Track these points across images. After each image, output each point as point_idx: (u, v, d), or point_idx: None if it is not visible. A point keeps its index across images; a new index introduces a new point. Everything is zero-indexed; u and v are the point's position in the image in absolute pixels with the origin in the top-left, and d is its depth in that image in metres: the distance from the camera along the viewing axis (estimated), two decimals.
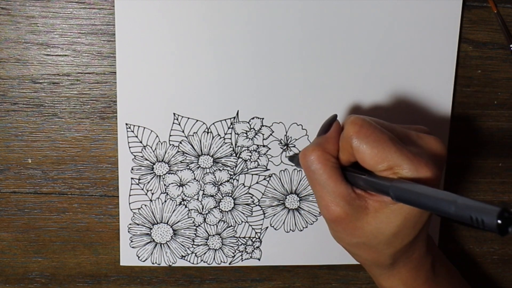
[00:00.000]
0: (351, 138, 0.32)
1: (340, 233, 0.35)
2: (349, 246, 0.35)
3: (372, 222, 0.32)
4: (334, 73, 0.41)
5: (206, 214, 0.43)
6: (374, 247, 0.34)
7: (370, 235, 0.33)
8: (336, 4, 0.40)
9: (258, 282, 0.46)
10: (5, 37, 0.40)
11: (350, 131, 0.32)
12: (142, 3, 0.39)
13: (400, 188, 0.29)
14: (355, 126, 0.32)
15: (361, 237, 0.33)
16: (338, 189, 0.33)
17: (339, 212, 0.33)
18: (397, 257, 0.34)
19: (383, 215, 0.32)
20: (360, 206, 0.33)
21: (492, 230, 0.24)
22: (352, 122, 0.32)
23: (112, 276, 0.45)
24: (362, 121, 0.32)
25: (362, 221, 0.33)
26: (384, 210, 0.32)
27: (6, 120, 0.41)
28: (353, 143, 0.32)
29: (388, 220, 0.32)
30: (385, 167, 0.31)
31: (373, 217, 0.32)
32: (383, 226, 0.32)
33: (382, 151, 0.31)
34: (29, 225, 0.43)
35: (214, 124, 0.42)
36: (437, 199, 0.26)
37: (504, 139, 0.44)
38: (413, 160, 0.31)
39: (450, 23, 0.41)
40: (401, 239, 0.33)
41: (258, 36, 0.40)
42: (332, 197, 0.33)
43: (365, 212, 0.33)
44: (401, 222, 0.32)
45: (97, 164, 0.42)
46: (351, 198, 0.33)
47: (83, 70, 0.41)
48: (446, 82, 0.42)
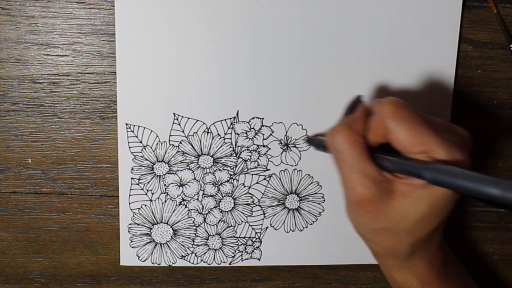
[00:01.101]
0: (387, 118, 0.31)
1: (362, 217, 0.33)
2: (369, 232, 0.34)
3: (398, 207, 0.32)
4: (334, 73, 0.41)
5: (206, 214, 0.43)
6: (396, 234, 0.33)
7: (394, 220, 0.32)
8: (336, 4, 0.40)
9: (258, 282, 0.46)
10: (5, 37, 0.40)
11: (388, 111, 0.31)
12: (142, 3, 0.39)
13: (438, 169, 0.28)
14: (393, 107, 0.31)
15: (384, 222, 0.33)
16: (366, 169, 0.32)
17: (365, 193, 0.32)
18: (416, 247, 0.34)
19: (409, 200, 0.32)
20: (386, 189, 0.32)
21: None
22: (390, 102, 0.32)
23: (112, 276, 0.45)
24: (400, 103, 0.32)
25: (388, 205, 0.32)
26: (411, 194, 0.31)
27: (6, 120, 0.41)
28: (389, 124, 0.31)
29: (414, 205, 0.31)
30: (420, 150, 0.31)
31: (399, 201, 0.32)
32: (409, 211, 0.32)
33: (419, 134, 0.31)
34: (29, 225, 0.43)
35: (214, 124, 0.42)
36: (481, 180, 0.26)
37: (504, 139, 0.44)
38: (448, 145, 0.30)
39: (450, 23, 0.41)
40: (424, 227, 0.32)
41: (258, 36, 0.40)
42: (360, 178, 0.32)
43: (392, 196, 0.32)
44: (427, 208, 0.31)
45: (97, 164, 0.42)
46: (379, 180, 0.32)
47: (83, 70, 0.41)
48: (446, 82, 0.42)
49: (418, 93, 0.42)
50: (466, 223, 0.46)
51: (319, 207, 0.44)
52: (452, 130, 0.33)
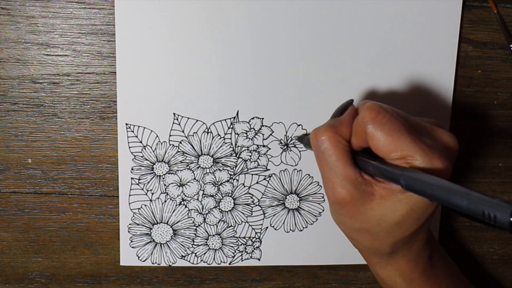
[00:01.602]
0: (366, 123, 0.32)
1: (343, 216, 0.34)
2: (350, 231, 0.35)
3: (377, 209, 0.32)
4: (334, 73, 0.41)
5: (206, 214, 0.43)
6: (376, 234, 0.33)
7: (373, 222, 0.33)
8: (336, 4, 0.40)
9: (258, 282, 0.46)
10: (5, 37, 0.40)
11: (366, 116, 0.32)
12: (142, 3, 0.39)
13: (412, 177, 0.29)
14: (372, 112, 0.32)
15: (363, 223, 0.33)
16: (346, 171, 0.33)
17: (344, 195, 0.33)
18: (397, 247, 0.34)
19: (388, 203, 0.32)
20: (366, 191, 0.32)
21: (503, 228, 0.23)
22: (369, 107, 0.32)
23: (112, 276, 0.45)
24: (379, 108, 0.32)
25: (367, 206, 0.33)
26: (390, 198, 0.32)
27: (6, 120, 0.41)
28: (368, 129, 0.32)
29: (393, 209, 0.32)
30: (398, 156, 0.31)
31: (378, 204, 0.32)
32: (387, 214, 0.32)
33: (397, 140, 0.31)
34: (29, 225, 0.43)
35: (214, 124, 0.42)
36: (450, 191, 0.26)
37: (504, 139, 0.44)
38: (427, 152, 0.30)
39: (450, 23, 0.41)
40: (403, 229, 0.33)
41: (258, 36, 0.40)
42: (339, 179, 0.33)
43: (371, 198, 0.32)
44: (406, 212, 0.32)
45: (97, 164, 0.42)
46: (358, 182, 0.32)
47: (83, 70, 0.41)
48: (446, 82, 0.42)
49: (418, 93, 0.42)
50: (466, 223, 0.46)
51: (319, 207, 0.44)
52: (437, 135, 0.33)
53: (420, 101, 0.42)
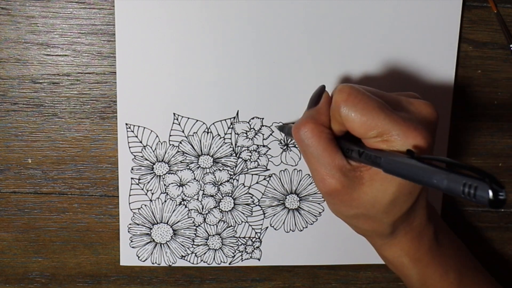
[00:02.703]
0: (339, 106, 0.31)
1: (337, 205, 0.34)
2: (348, 218, 0.35)
3: (368, 192, 0.32)
4: (334, 73, 0.41)
5: (206, 214, 0.43)
6: (373, 217, 0.33)
7: (367, 205, 0.33)
8: (336, 4, 0.40)
9: (258, 282, 0.46)
10: (5, 37, 0.40)
11: (338, 99, 0.31)
12: (142, 3, 0.39)
13: (390, 161, 0.29)
14: (343, 94, 0.31)
15: (359, 208, 0.33)
16: (333, 161, 0.32)
17: (335, 184, 0.32)
18: (396, 226, 0.34)
19: (377, 184, 0.32)
20: (355, 177, 0.32)
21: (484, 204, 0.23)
22: (339, 90, 0.32)
23: (112, 276, 0.45)
24: (350, 89, 0.31)
25: (359, 191, 0.32)
26: (378, 179, 0.32)
27: (6, 120, 0.41)
28: (342, 112, 0.31)
29: (383, 188, 0.32)
30: (375, 134, 0.31)
31: (369, 186, 0.32)
32: (379, 195, 0.32)
33: (371, 119, 0.30)
34: (29, 225, 0.43)
35: (214, 124, 0.42)
36: (429, 172, 0.26)
37: (504, 139, 0.44)
38: (402, 126, 0.30)
39: (450, 23, 0.41)
40: (399, 206, 0.33)
41: (258, 36, 0.40)
42: (328, 170, 0.32)
43: (361, 182, 0.32)
44: (396, 189, 0.32)
45: (97, 164, 0.42)
46: (347, 170, 0.32)
47: (83, 70, 0.41)
48: (446, 82, 0.42)
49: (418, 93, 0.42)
50: (466, 223, 0.46)
51: (319, 207, 0.44)
52: (414, 108, 0.33)
53: None
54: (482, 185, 0.24)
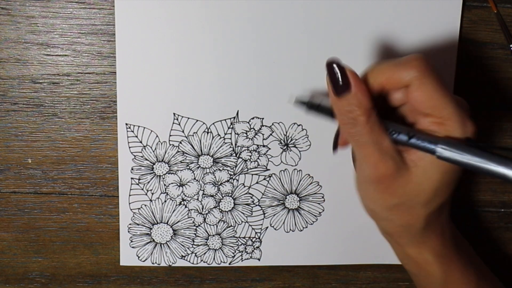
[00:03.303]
0: (415, 73, 0.30)
1: (380, 193, 0.33)
2: (385, 209, 0.34)
3: (414, 179, 0.32)
4: None
5: (206, 214, 0.43)
6: (412, 208, 0.33)
7: (411, 194, 0.32)
8: (336, 4, 0.40)
9: (258, 282, 0.46)
10: (5, 37, 0.40)
11: (417, 67, 0.31)
12: (142, 3, 0.39)
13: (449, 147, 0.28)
14: (423, 64, 0.31)
15: (402, 197, 0.32)
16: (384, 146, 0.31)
17: (386, 170, 0.31)
18: (429, 220, 0.34)
19: (422, 171, 0.31)
20: (401, 162, 0.32)
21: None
22: (421, 59, 0.31)
23: (112, 276, 0.45)
24: (428, 61, 0.31)
25: (405, 178, 0.32)
26: (423, 165, 0.31)
27: (6, 120, 0.41)
28: (416, 80, 0.30)
29: (427, 176, 0.31)
30: (438, 115, 0.30)
31: (414, 173, 0.32)
32: (424, 183, 0.32)
33: (443, 99, 0.30)
34: (29, 225, 0.43)
35: (214, 124, 0.42)
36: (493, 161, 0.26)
37: (504, 139, 0.44)
38: (463, 114, 0.30)
39: (450, 23, 0.41)
40: (438, 196, 0.32)
41: (258, 36, 0.40)
42: (382, 155, 0.31)
43: (406, 168, 0.32)
44: (440, 176, 0.31)
45: (97, 164, 0.42)
46: (395, 154, 0.32)
47: (83, 70, 0.41)
48: (446, 82, 0.42)
49: None
50: (466, 223, 0.46)
51: (319, 207, 0.44)
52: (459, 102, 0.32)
53: None
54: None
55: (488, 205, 0.45)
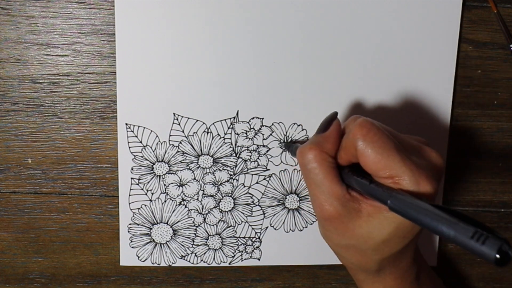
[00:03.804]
0: (357, 140, 0.32)
1: (330, 232, 0.34)
2: (338, 247, 0.35)
3: (364, 226, 0.32)
4: (334, 73, 0.41)
5: (206, 214, 0.43)
6: (363, 251, 0.34)
7: (360, 238, 0.33)
8: (336, 4, 0.40)
9: (258, 282, 0.46)
10: (5, 37, 0.40)
11: (358, 133, 0.32)
12: (142, 3, 0.39)
13: (400, 200, 0.29)
14: (363, 129, 0.32)
15: (351, 239, 0.33)
16: (333, 189, 0.33)
17: (331, 211, 0.33)
18: (383, 265, 0.34)
19: (375, 221, 0.32)
20: (353, 208, 0.33)
21: (489, 261, 0.23)
22: (360, 124, 0.32)
23: (112, 276, 0.45)
24: (370, 125, 0.32)
25: (354, 223, 0.33)
26: (377, 216, 0.32)
27: (6, 120, 0.41)
28: (359, 146, 0.32)
29: (380, 227, 0.32)
30: (387, 175, 0.31)
31: (366, 221, 0.32)
32: (374, 232, 0.32)
33: (387, 159, 0.31)
34: (29, 225, 0.43)
35: (214, 124, 0.42)
36: (438, 219, 0.26)
37: (504, 139, 0.44)
38: (415, 172, 0.30)
39: (450, 23, 0.41)
40: (390, 247, 0.33)
41: (258, 36, 0.40)
42: (326, 197, 0.33)
43: (358, 215, 0.33)
44: (392, 230, 0.32)
45: (97, 164, 0.42)
46: (345, 200, 0.33)
47: (83, 70, 0.41)
48: (446, 82, 0.42)
49: (418, 94, 0.42)
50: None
51: None
52: (426, 155, 0.33)
53: (420, 102, 0.42)
54: (493, 238, 0.24)
55: (488, 205, 0.45)
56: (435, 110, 0.43)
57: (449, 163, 0.44)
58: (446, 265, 0.46)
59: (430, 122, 0.43)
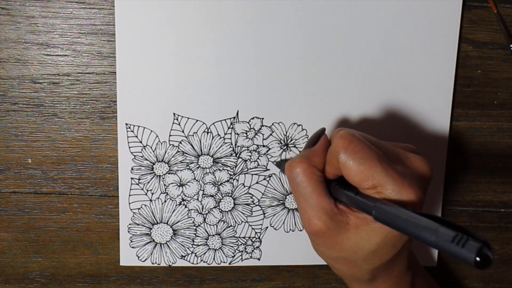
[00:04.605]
0: (338, 152, 0.32)
1: (320, 246, 0.35)
2: (329, 259, 0.36)
3: (352, 238, 0.33)
4: (334, 73, 0.41)
5: (206, 214, 0.43)
6: (353, 262, 0.34)
7: (349, 250, 0.33)
8: (336, 4, 0.40)
9: (258, 282, 0.46)
10: (5, 37, 0.40)
11: (339, 145, 0.32)
12: (142, 3, 0.39)
13: (383, 209, 0.29)
14: (344, 141, 0.32)
15: (340, 252, 0.33)
16: (321, 203, 0.33)
17: (320, 226, 0.33)
18: (376, 274, 0.34)
19: (363, 232, 0.32)
20: (341, 221, 0.33)
21: (469, 264, 0.24)
22: (341, 136, 0.32)
23: (112, 276, 0.45)
24: (351, 137, 0.32)
25: (343, 236, 0.33)
26: (364, 227, 0.32)
27: (6, 120, 0.41)
28: (340, 158, 0.32)
29: (368, 237, 0.32)
30: (370, 186, 0.31)
31: (354, 233, 0.33)
32: (363, 243, 0.32)
33: (368, 169, 0.31)
34: (29, 225, 0.43)
35: (214, 124, 0.42)
36: (419, 226, 0.27)
37: (504, 139, 0.44)
38: (397, 181, 0.31)
39: (450, 23, 0.41)
40: (380, 256, 0.33)
41: (258, 36, 0.40)
42: (314, 211, 0.33)
43: (346, 227, 0.33)
44: (381, 240, 0.32)
45: (97, 164, 0.42)
46: (333, 213, 0.33)
47: (83, 70, 0.41)
48: (446, 82, 0.42)
49: (418, 94, 0.42)
50: (466, 223, 0.46)
51: None
52: (410, 162, 0.33)
53: (420, 102, 0.42)
54: (472, 241, 0.24)
55: (488, 205, 0.45)
56: (435, 110, 0.43)
57: (449, 163, 0.44)
58: (446, 265, 0.46)
59: (430, 122, 0.43)
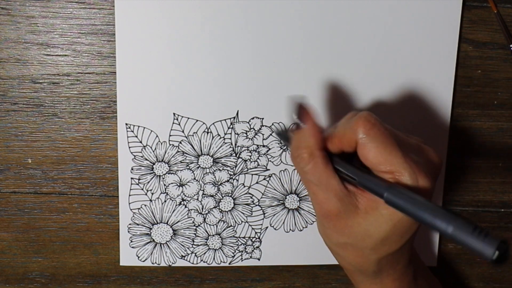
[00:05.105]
0: (359, 133, 0.32)
1: (329, 229, 0.34)
2: (336, 246, 0.35)
3: (362, 223, 0.32)
4: (334, 73, 0.41)
5: (206, 214, 0.43)
6: (361, 250, 0.33)
7: (358, 236, 0.33)
8: (336, 4, 0.40)
9: (258, 282, 0.46)
10: (5, 37, 0.40)
11: (361, 125, 0.32)
12: (142, 3, 0.39)
13: (397, 192, 0.29)
14: (367, 123, 0.32)
15: (349, 237, 0.33)
16: (331, 185, 0.33)
17: (331, 208, 0.33)
18: (382, 265, 0.34)
19: (372, 217, 0.32)
20: (351, 204, 0.33)
21: (487, 259, 0.23)
22: (365, 118, 0.32)
23: (112, 276, 0.45)
24: (374, 120, 0.32)
25: (353, 220, 0.33)
26: (374, 212, 0.32)
27: (6, 120, 0.41)
28: (361, 139, 0.32)
29: (377, 224, 0.32)
30: (387, 170, 0.31)
31: (363, 218, 0.32)
32: (372, 229, 0.32)
33: (389, 154, 0.31)
34: (29, 225, 0.43)
35: (214, 124, 0.42)
36: (435, 214, 0.26)
37: (504, 139, 0.44)
38: (415, 170, 0.31)
39: (450, 23, 0.41)
40: (388, 246, 0.33)
41: (258, 36, 0.40)
42: (325, 193, 0.33)
43: (356, 211, 0.33)
44: (390, 228, 0.32)
45: (97, 164, 0.42)
46: (343, 194, 0.33)
47: (83, 70, 0.41)
48: (446, 82, 0.42)
49: (418, 94, 0.42)
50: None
51: None
52: (424, 153, 0.33)
53: (420, 101, 0.42)
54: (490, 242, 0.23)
55: (488, 205, 0.45)
56: (435, 110, 0.43)
57: (449, 163, 0.44)
58: (446, 265, 0.46)
59: (430, 122, 0.43)
